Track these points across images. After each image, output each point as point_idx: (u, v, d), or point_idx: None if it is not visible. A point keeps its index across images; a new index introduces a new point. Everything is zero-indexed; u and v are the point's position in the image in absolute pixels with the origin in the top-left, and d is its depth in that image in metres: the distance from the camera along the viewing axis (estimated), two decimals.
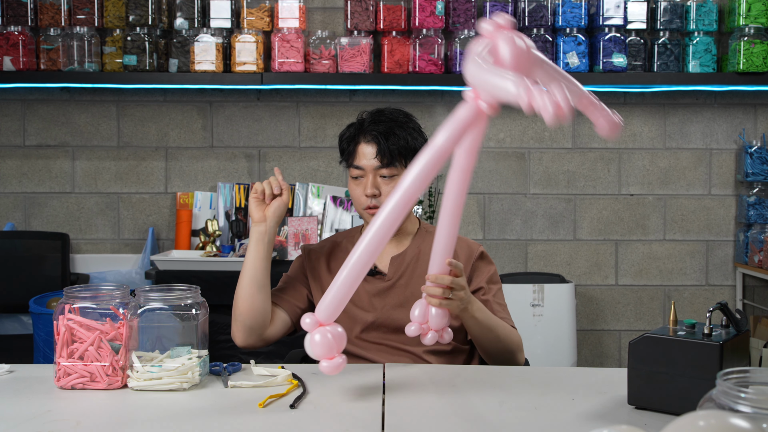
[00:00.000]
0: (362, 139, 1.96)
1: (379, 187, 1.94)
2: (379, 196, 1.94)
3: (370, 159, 1.94)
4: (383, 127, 1.95)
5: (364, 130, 1.96)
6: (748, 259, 3.61)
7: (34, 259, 3.52)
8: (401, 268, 1.98)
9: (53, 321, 1.60)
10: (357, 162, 1.96)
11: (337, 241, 2.06)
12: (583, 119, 3.72)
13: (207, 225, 3.52)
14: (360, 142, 1.96)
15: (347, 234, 2.09)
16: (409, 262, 1.99)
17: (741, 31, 3.49)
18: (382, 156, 1.93)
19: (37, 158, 3.70)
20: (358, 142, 1.97)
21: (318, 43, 3.52)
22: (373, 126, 1.95)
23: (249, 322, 1.86)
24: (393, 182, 1.94)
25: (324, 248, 2.05)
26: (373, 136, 1.94)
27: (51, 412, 1.45)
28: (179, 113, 3.70)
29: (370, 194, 1.94)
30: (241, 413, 1.45)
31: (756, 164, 3.62)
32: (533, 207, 3.73)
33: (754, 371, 0.96)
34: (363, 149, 1.95)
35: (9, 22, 3.47)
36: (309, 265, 2.04)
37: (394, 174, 1.94)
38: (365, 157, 1.95)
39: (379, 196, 1.94)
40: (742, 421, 0.80)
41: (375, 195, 1.94)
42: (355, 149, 1.97)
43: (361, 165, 1.95)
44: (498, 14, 1.43)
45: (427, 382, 1.66)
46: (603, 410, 1.46)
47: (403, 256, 2.00)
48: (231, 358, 1.91)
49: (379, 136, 1.93)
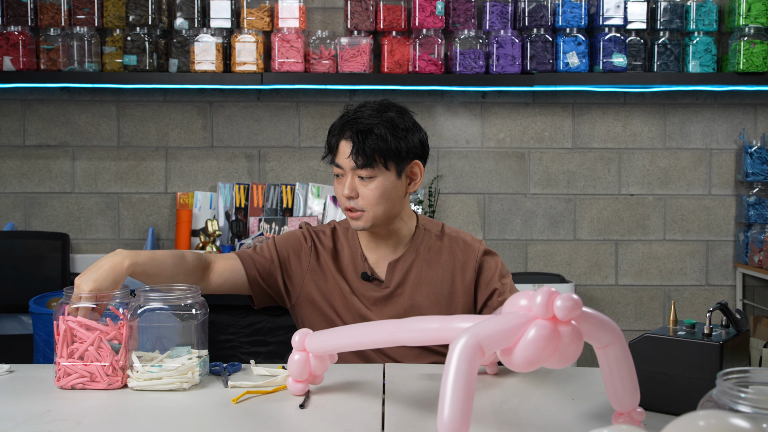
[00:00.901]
0: (342, 136, 1.82)
1: (356, 188, 1.82)
2: (357, 198, 1.82)
3: (347, 158, 1.81)
4: (363, 125, 1.79)
5: (344, 125, 1.83)
6: (748, 259, 3.61)
7: (34, 259, 3.52)
8: (399, 275, 1.91)
9: (53, 321, 1.60)
10: (337, 160, 1.84)
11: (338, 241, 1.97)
12: (583, 119, 3.72)
13: (207, 225, 3.52)
14: (341, 138, 1.83)
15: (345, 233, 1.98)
16: (406, 269, 1.92)
17: (741, 31, 3.49)
18: (356, 156, 1.79)
19: (37, 158, 3.70)
20: (339, 138, 1.83)
21: (318, 43, 3.52)
22: (353, 123, 1.81)
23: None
24: (372, 183, 1.81)
25: (328, 248, 1.95)
26: (353, 133, 1.80)
27: (51, 412, 1.45)
28: (179, 113, 3.70)
29: (347, 195, 1.82)
30: (241, 413, 1.45)
31: (756, 164, 3.62)
32: (533, 207, 3.73)
33: (754, 371, 0.96)
34: (342, 147, 1.82)
35: (9, 22, 3.47)
36: (309, 263, 1.94)
37: (372, 176, 1.80)
38: (344, 155, 1.82)
39: (356, 198, 1.82)
40: (742, 421, 0.80)
41: (352, 197, 1.82)
42: (337, 146, 1.83)
43: (341, 163, 1.83)
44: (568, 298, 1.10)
45: (427, 382, 1.66)
46: (603, 410, 1.46)
47: (400, 262, 1.92)
48: (231, 358, 1.91)
49: (356, 135, 1.79)
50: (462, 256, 1.93)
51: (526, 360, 1.08)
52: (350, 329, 1.48)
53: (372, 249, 1.95)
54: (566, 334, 1.09)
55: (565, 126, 3.72)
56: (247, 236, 3.60)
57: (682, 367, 1.16)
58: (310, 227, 1.99)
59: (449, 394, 1.02)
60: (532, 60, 3.49)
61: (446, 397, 1.03)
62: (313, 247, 1.96)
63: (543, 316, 1.08)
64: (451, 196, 3.72)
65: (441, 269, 1.93)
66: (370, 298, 1.91)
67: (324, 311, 1.93)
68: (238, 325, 3.24)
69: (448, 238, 1.96)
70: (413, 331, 1.32)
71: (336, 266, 1.94)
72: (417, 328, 1.32)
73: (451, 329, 1.22)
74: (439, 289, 1.92)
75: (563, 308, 1.07)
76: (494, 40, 3.49)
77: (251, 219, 3.60)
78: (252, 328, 3.24)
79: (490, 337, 1.07)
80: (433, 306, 1.90)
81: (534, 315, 1.09)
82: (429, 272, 1.93)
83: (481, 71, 3.49)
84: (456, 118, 3.71)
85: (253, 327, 3.24)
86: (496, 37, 3.49)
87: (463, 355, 1.04)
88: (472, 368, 1.05)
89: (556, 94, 3.70)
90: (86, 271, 1.63)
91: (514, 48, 3.49)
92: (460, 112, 3.70)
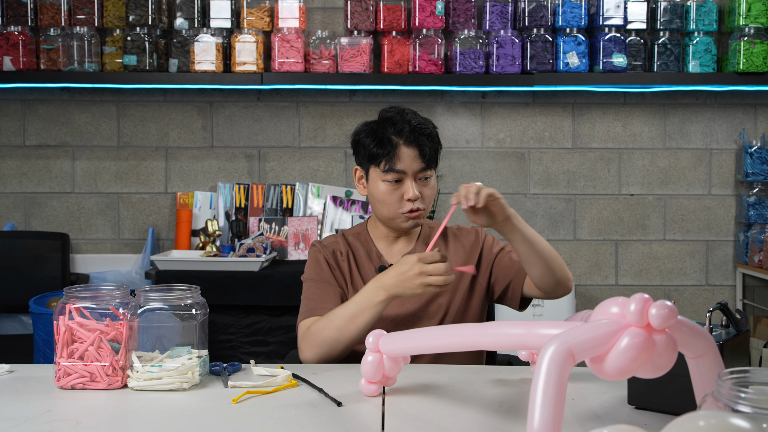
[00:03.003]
0: (401, 141, 1.89)
1: (420, 189, 1.91)
2: (421, 199, 1.91)
3: (412, 161, 1.89)
4: (424, 128, 1.91)
5: (400, 131, 1.89)
6: (748, 259, 3.61)
7: (34, 259, 3.52)
8: None
9: (53, 321, 1.60)
10: (398, 165, 1.89)
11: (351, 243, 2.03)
12: (583, 119, 3.72)
13: (207, 225, 3.52)
14: (398, 144, 1.89)
15: (356, 236, 2.04)
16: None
17: (741, 31, 3.49)
18: (424, 158, 1.89)
19: (37, 158, 3.70)
20: (395, 144, 1.89)
21: (318, 43, 3.52)
22: (416, 129, 1.90)
23: (334, 355, 1.81)
24: (430, 182, 1.93)
25: (345, 253, 2.00)
26: (415, 137, 1.89)
27: (51, 412, 1.45)
28: (179, 113, 3.70)
29: (415, 198, 1.89)
30: (241, 413, 1.45)
31: (756, 164, 3.62)
32: (533, 207, 3.73)
33: (754, 371, 0.96)
34: (403, 152, 1.89)
35: (9, 22, 3.47)
36: (334, 263, 1.98)
37: (430, 176, 1.93)
38: (408, 160, 1.89)
39: (421, 199, 1.91)
40: (742, 421, 0.80)
41: (417, 198, 1.90)
42: (395, 152, 1.89)
43: (403, 168, 1.89)
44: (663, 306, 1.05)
45: (427, 382, 1.66)
46: (603, 410, 1.46)
47: (414, 252, 1.99)
48: (231, 358, 1.91)
49: (424, 138, 1.89)
50: (468, 242, 2.04)
51: (618, 369, 1.04)
52: (427, 332, 1.46)
53: (388, 246, 2.03)
54: (660, 343, 1.04)
55: (565, 126, 3.72)
56: (247, 236, 3.60)
57: (682, 367, 1.16)
58: (320, 243, 2.04)
59: (539, 402, 0.98)
60: (532, 60, 3.49)
61: (536, 404, 0.98)
62: (334, 257, 2.00)
63: (637, 324, 1.04)
64: (452, 196, 3.72)
65: (450, 254, 2.02)
66: None
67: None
68: (238, 325, 3.24)
69: (449, 231, 2.09)
70: (495, 336, 1.30)
71: (356, 266, 2.01)
72: (499, 333, 1.29)
73: (536, 335, 1.19)
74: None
75: (659, 316, 1.02)
76: (494, 40, 3.49)
77: (251, 219, 3.60)
78: (252, 328, 3.24)
79: (581, 344, 1.03)
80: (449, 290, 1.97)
81: (627, 323, 1.05)
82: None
83: (481, 71, 3.49)
84: (456, 118, 3.71)
85: (253, 327, 3.24)
86: (496, 37, 3.49)
87: (554, 362, 1.00)
88: (563, 376, 1.01)
89: (556, 94, 3.70)
90: None
91: (514, 48, 3.49)
92: (460, 112, 3.70)
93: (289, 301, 3.20)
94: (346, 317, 1.78)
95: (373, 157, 1.91)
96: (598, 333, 1.05)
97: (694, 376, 1.17)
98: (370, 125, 1.95)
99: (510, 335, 1.26)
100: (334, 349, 1.80)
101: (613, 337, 1.04)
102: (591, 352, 1.05)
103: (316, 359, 1.82)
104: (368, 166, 1.95)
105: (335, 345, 1.80)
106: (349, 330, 1.78)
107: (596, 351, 1.05)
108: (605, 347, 1.05)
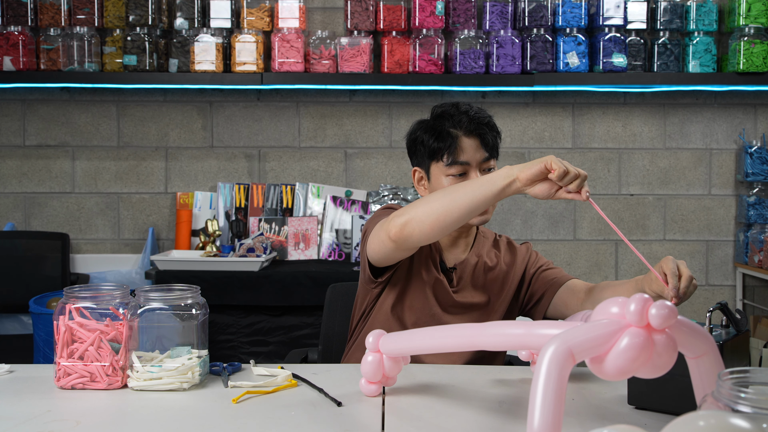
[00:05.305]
0: (461, 133, 1.87)
1: None
2: None
3: (475, 152, 1.86)
4: (485, 118, 1.89)
5: (458, 123, 1.87)
6: (748, 259, 3.61)
7: (34, 259, 3.52)
8: (463, 277, 1.95)
9: (53, 321, 1.60)
10: (461, 157, 1.86)
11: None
12: (583, 119, 3.72)
13: (207, 225, 3.52)
14: (459, 136, 1.86)
15: None
16: (470, 272, 1.96)
17: (741, 31, 3.49)
18: (488, 148, 1.87)
19: (37, 158, 3.70)
20: (456, 136, 1.86)
21: (318, 43, 3.52)
22: (478, 119, 1.87)
23: (435, 236, 1.67)
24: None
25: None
26: (475, 126, 1.86)
27: (51, 412, 1.45)
28: (179, 113, 3.70)
29: None
30: (241, 413, 1.45)
31: (756, 164, 3.62)
32: (533, 207, 3.73)
33: (754, 371, 0.96)
34: (465, 143, 1.86)
35: (9, 22, 3.47)
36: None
37: (493, 166, 1.89)
38: (470, 151, 1.86)
39: None
40: (742, 421, 0.80)
41: None
42: (456, 144, 1.86)
43: (467, 159, 1.86)
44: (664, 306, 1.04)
45: (427, 382, 1.66)
46: (603, 410, 1.46)
47: (465, 264, 1.96)
48: (231, 358, 1.91)
49: (486, 128, 1.87)
50: (517, 257, 2.00)
51: (618, 369, 1.04)
52: (427, 331, 1.45)
53: (447, 246, 1.98)
54: (660, 343, 1.04)
55: (565, 126, 3.72)
56: (247, 236, 3.60)
57: (682, 367, 1.16)
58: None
59: (539, 402, 0.98)
60: (532, 60, 3.49)
61: (536, 405, 0.98)
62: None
63: (637, 324, 1.04)
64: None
65: (500, 260, 1.99)
66: (440, 291, 1.92)
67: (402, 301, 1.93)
68: (238, 325, 3.24)
69: (502, 239, 2.05)
70: (495, 336, 1.29)
71: (420, 250, 1.91)
72: (499, 333, 1.28)
73: (536, 335, 1.19)
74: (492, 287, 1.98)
75: (659, 316, 1.02)
76: (494, 40, 3.49)
77: (251, 219, 3.60)
78: (252, 328, 3.24)
79: (581, 344, 1.03)
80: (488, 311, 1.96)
81: (627, 323, 1.04)
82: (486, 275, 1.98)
83: (481, 71, 3.49)
84: None
85: (253, 327, 3.24)
86: (496, 37, 3.49)
87: (554, 362, 1.00)
88: (563, 376, 1.01)
89: (556, 94, 3.70)
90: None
91: (514, 48, 3.49)
92: None
93: (289, 301, 3.21)
94: (461, 190, 1.65)
95: (434, 153, 1.88)
96: (598, 333, 1.05)
97: (694, 376, 1.17)
98: (425, 123, 1.92)
99: (510, 335, 1.26)
100: (444, 218, 1.64)
101: (613, 337, 1.05)
102: (591, 352, 1.05)
103: (425, 216, 1.65)
104: (429, 164, 1.90)
105: (446, 211, 1.64)
106: (462, 199, 1.64)
107: (596, 351, 1.05)
108: (605, 347, 1.05)
